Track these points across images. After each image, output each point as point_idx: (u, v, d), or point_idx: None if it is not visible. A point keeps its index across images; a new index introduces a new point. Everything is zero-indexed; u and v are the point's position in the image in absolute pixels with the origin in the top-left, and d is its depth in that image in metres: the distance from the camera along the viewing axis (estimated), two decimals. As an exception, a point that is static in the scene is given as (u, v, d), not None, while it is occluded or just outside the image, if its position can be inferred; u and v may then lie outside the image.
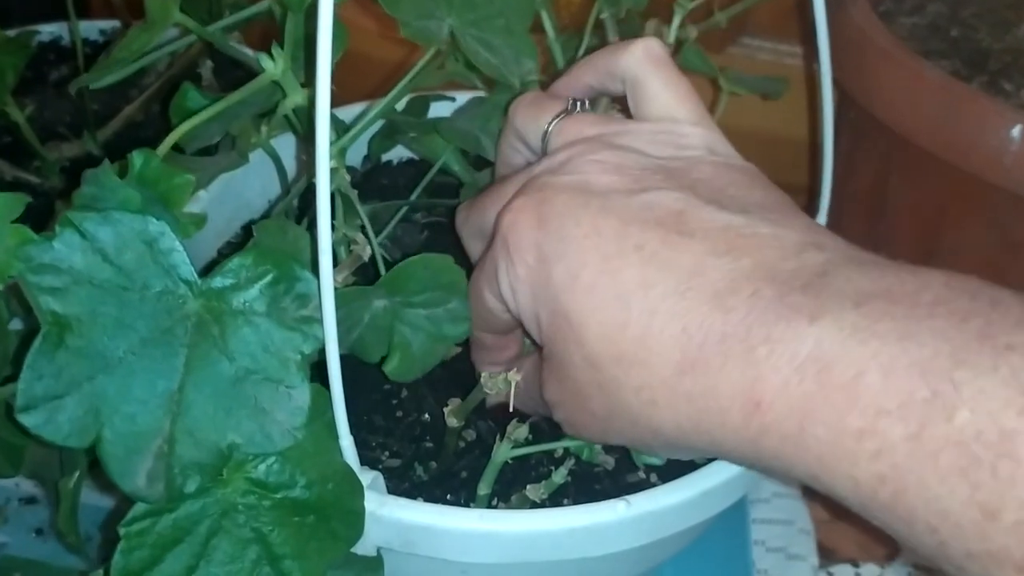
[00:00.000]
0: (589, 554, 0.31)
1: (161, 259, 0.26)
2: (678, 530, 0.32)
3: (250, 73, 0.35)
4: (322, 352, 0.27)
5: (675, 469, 0.36)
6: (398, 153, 0.48)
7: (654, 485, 0.35)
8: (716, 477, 0.32)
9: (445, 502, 0.34)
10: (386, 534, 0.30)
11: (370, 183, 0.46)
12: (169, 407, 0.25)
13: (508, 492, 0.34)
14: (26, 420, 0.24)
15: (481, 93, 0.43)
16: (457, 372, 0.38)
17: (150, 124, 0.50)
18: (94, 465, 0.31)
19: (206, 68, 0.43)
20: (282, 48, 0.32)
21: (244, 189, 0.43)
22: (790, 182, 0.50)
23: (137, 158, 0.27)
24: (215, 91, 0.44)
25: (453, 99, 0.45)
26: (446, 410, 0.34)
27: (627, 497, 0.31)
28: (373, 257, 0.34)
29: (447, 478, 0.35)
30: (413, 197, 0.41)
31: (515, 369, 0.32)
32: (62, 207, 0.39)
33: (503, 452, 0.33)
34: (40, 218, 0.28)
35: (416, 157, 0.48)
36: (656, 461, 0.34)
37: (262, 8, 0.36)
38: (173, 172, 0.27)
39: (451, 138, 0.39)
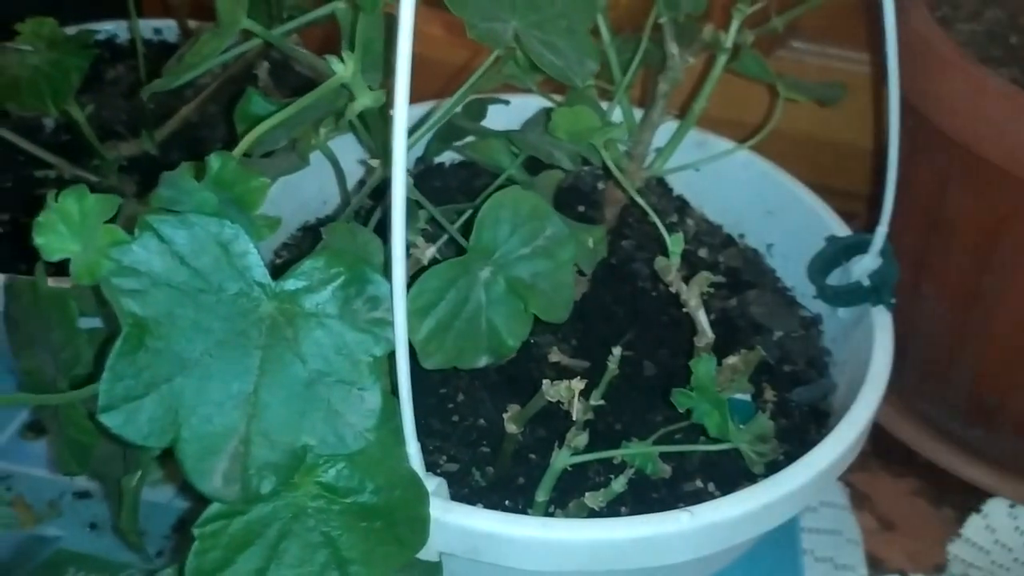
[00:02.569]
0: (648, 564, 0.31)
1: (236, 262, 0.26)
2: (739, 541, 0.32)
3: (304, 75, 0.35)
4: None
5: (732, 478, 0.36)
6: (449, 155, 0.48)
7: (712, 494, 0.35)
8: (777, 490, 0.32)
9: (503, 508, 0.34)
10: (450, 540, 0.30)
11: (424, 185, 0.46)
12: (245, 408, 0.26)
13: (565, 499, 0.34)
14: (108, 420, 0.25)
15: (536, 95, 0.43)
16: (513, 377, 0.38)
17: (206, 124, 0.51)
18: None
19: (262, 69, 0.43)
20: (351, 50, 0.32)
21: (301, 190, 0.43)
22: (831, 185, 0.50)
23: (215, 161, 0.27)
24: (271, 91, 0.45)
25: (507, 103, 0.45)
26: (506, 416, 0.34)
27: (690, 508, 0.31)
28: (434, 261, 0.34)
29: (504, 483, 0.35)
30: (479, 200, 0.41)
31: (577, 378, 0.32)
32: (129, 207, 0.39)
33: (562, 459, 0.33)
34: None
35: (468, 160, 0.48)
36: None
37: (325, 12, 0.36)
38: (250, 175, 0.27)
39: (524, 149, 0.39)
